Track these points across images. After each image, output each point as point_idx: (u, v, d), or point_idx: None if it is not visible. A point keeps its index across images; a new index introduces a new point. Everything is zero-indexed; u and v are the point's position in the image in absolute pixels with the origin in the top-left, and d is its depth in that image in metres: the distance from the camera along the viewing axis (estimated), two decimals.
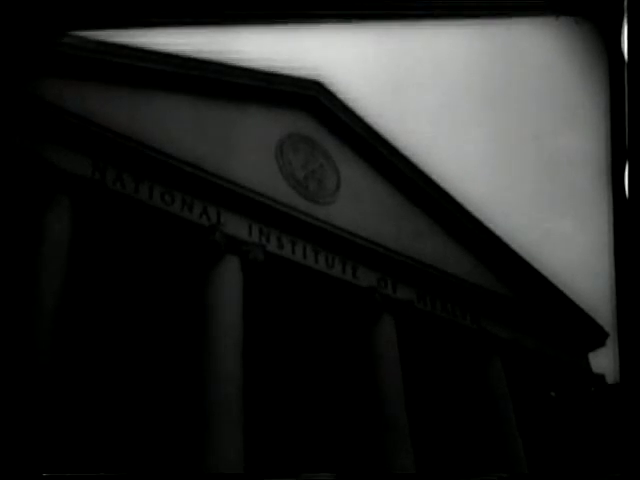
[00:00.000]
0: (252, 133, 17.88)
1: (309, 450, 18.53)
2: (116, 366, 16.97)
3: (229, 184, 16.11)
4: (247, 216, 16.33)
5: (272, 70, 18.71)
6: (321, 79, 19.93)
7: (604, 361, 21.62)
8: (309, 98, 19.63)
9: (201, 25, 6.89)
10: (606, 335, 21.63)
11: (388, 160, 20.45)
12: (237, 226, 16.04)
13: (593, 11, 6.05)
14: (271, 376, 18.21)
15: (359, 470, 16.56)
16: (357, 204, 18.99)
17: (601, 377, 21.27)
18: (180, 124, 16.42)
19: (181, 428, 14.16)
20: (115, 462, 15.97)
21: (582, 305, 22.05)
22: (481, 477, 15.14)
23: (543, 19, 6.61)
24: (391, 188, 20.37)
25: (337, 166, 19.36)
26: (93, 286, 15.95)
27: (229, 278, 15.31)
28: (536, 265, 21.98)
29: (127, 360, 17.09)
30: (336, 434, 18.93)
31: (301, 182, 18.13)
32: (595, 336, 21.73)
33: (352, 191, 19.18)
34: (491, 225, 21.81)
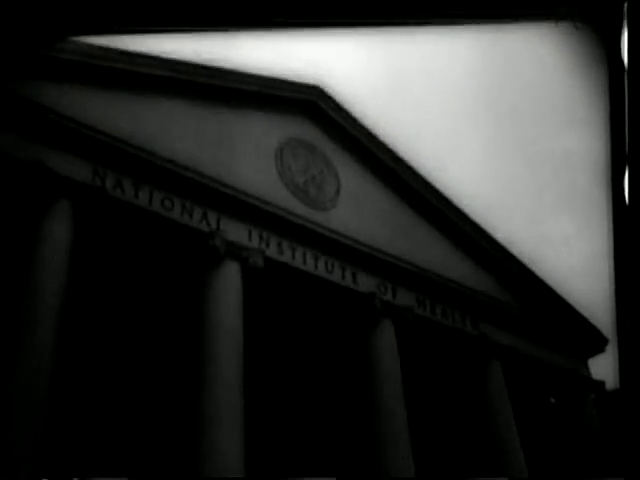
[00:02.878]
0: (252, 138, 17.89)
1: (309, 454, 18.51)
2: (116, 370, 16.96)
3: (229, 189, 16.11)
4: (247, 221, 16.32)
5: (272, 75, 18.75)
6: (321, 84, 19.98)
7: (604, 367, 21.61)
8: (309, 103, 19.66)
9: (201, 31, 6.90)
10: (606, 341, 21.62)
11: (388, 165, 20.46)
12: (237, 231, 16.03)
13: (593, 16, 6.06)
14: (271, 381, 18.19)
15: (359, 474, 16.52)
16: (357, 209, 18.99)
17: (601, 383, 21.24)
18: (180, 129, 16.43)
19: (181, 432, 14.13)
20: (115, 465, 15.95)
21: (582, 310, 22.05)
22: None
23: (543, 24, 6.61)
24: (391, 193, 20.39)
25: (337, 171, 19.36)
26: (93, 291, 15.94)
27: (229, 283, 15.28)
28: (536, 269, 21.99)
29: (127, 365, 17.08)
30: (336, 438, 18.91)
31: (301, 187, 18.13)
32: (595, 342, 21.72)
33: (352, 196, 19.18)
34: (491, 229, 21.85)
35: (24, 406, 11.50)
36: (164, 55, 16.43)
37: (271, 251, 16.43)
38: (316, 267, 17.18)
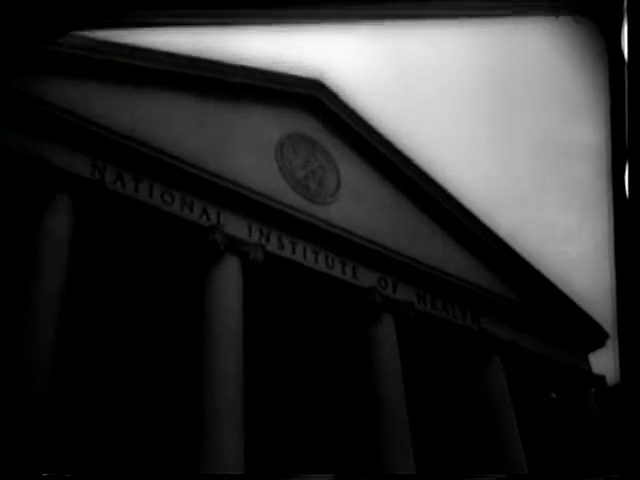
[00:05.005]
0: (252, 132, 17.86)
1: (309, 450, 18.51)
2: (116, 366, 16.96)
3: (229, 184, 16.09)
4: (247, 216, 16.31)
5: (273, 69, 18.71)
6: (322, 78, 19.92)
7: (605, 362, 21.60)
8: (310, 98, 19.61)
9: (202, 24, 6.88)
10: (606, 336, 21.61)
11: (388, 160, 20.43)
12: (237, 226, 16.02)
13: (593, 10, 6.04)
14: (271, 376, 18.19)
15: (359, 471, 16.53)
16: (357, 204, 18.96)
17: (601, 378, 21.24)
18: (180, 123, 16.40)
19: (181, 428, 14.13)
20: (115, 462, 15.97)
21: (583, 304, 22.03)
22: (481, 477, 15.12)
23: (543, 18, 6.59)
24: (391, 188, 20.36)
25: (337, 166, 19.33)
26: (93, 287, 15.93)
27: (229, 278, 15.27)
28: (537, 263, 21.97)
29: (127, 360, 17.08)
30: (336, 434, 18.91)
31: (301, 182, 18.11)
32: (595, 337, 21.70)
33: (352, 191, 19.15)
34: (492, 222, 21.80)
35: (24, 401, 11.51)
36: (164, 49, 16.40)
37: (271, 246, 16.42)
38: (316, 262, 17.17)
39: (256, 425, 15.06)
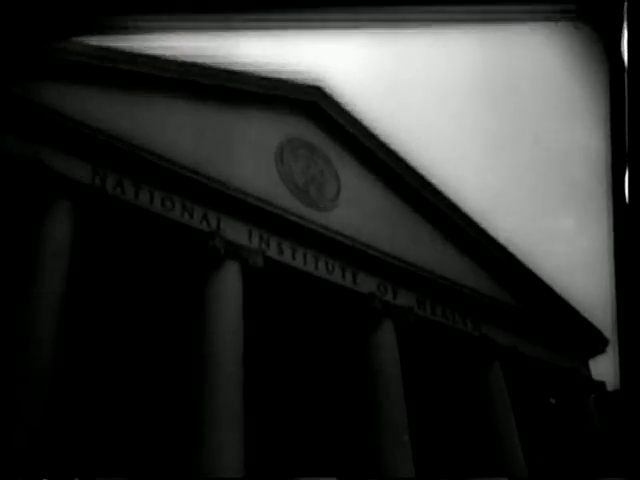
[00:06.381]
0: (252, 138, 17.86)
1: (309, 454, 18.49)
2: (116, 370, 16.95)
3: (229, 190, 16.09)
4: (247, 222, 16.30)
5: (273, 75, 18.72)
6: (322, 84, 19.95)
7: (604, 368, 21.59)
8: (309, 103, 19.63)
9: (201, 30, 6.89)
10: (606, 342, 21.59)
11: (388, 165, 20.43)
12: (237, 232, 16.01)
13: (593, 16, 6.05)
14: (272, 382, 18.18)
15: (360, 474, 16.51)
16: (357, 209, 18.96)
17: (601, 384, 21.21)
18: (180, 129, 16.41)
19: (181, 431, 14.11)
20: (114, 463, 15.95)
21: (583, 309, 22.03)
22: None
23: (542, 25, 6.61)
24: (391, 193, 20.36)
25: (337, 171, 19.33)
26: (93, 292, 15.92)
27: (229, 284, 15.27)
28: (537, 268, 21.98)
29: (127, 365, 17.07)
30: (336, 439, 18.89)
31: (301, 187, 18.11)
32: (595, 343, 21.69)
33: (352, 196, 19.16)
34: (492, 227, 21.82)
35: (25, 406, 11.50)
36: (164, 55, 16.41)
37: (271, 251, 16.41)
38: (316, 267, 17.15)
39: (257, 430, 15.04)
